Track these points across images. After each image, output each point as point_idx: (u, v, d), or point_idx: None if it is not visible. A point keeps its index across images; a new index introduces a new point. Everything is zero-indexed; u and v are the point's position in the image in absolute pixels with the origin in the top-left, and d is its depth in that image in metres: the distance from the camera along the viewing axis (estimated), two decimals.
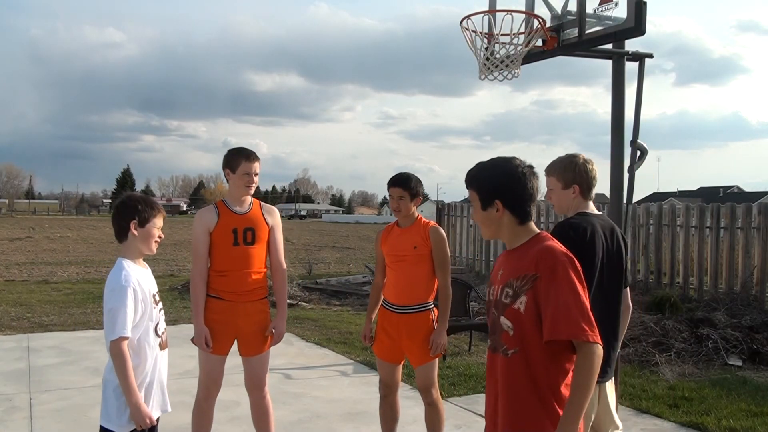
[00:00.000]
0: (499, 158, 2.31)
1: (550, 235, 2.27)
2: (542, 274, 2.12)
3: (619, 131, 4.47)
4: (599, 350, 2.07)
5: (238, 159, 3.82)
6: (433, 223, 4.03)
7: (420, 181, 4.03)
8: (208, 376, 3.89)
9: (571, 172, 3.10)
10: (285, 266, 4.05)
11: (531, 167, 2.28)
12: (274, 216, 4.00)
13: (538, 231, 2.27)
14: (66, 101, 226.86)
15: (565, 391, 2.14)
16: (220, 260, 3.82)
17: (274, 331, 3.92)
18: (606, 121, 4.53)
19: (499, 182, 2.25)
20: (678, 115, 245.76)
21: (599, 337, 2.08)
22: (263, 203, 4.01)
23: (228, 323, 3.81)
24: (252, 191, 3.88)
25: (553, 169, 3.17)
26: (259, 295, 3.92)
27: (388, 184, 4.01)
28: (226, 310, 3.80)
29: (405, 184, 3.95)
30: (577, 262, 2.17)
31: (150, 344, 2.81)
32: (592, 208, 3.12)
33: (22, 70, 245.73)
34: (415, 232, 3.95)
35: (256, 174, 3.85)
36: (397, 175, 4.02)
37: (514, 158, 2.29)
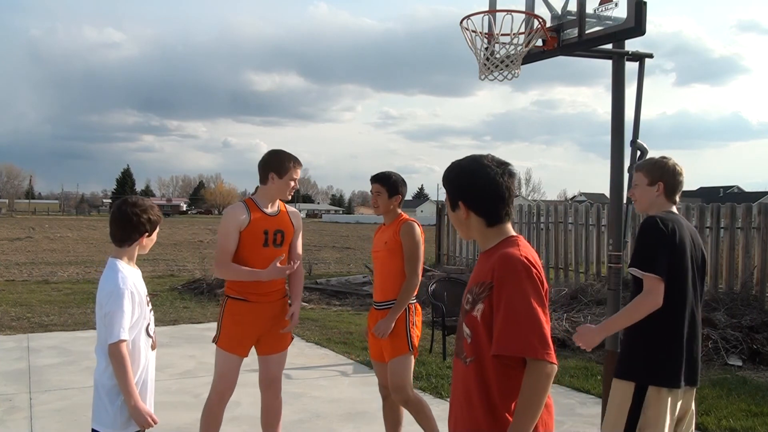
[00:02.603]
0: (468, 157, 2.16)
1: (519, 240, 2.09)
2: (496, 282, 1.98)
3: (619, 131, 4.47)
4: (548, 369, 1.92)
5: (287, 164, 3.81)
6: (409, 219, 4.02)
7: (403, 182, 4.09)
8: (224, 379, 3.83)
9: (660, 169, 3.13)
10: (302, 269, 4.11)
11: (504, 165, 2.11)
12: (298, 219, 4.03)
13: (510, 234, 2.12)
14: (66, 101, 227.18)
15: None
16: (248, 260, 3.77)
17: (292, 316, 3.91)
18: (606, 121, 4.53)
19: (462, 183, 2.12)
20: (678, 115, 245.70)
21: (552, 355, 1.92)
22: (288, 206, 4.02)
23: (253, 324, 3.80)
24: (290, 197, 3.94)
25: (641, 165, 3.24)
26: (281, 294, 3.95)
27: (370, 180, 4.08)
28: (251, 311, 3.80)
29: (383, 181, 4.02)
30: (535, 271, 1.99)
31: (142, 344, 2.82)
32: (675, 211, 3.14)
33: (22, 70, 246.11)
34: (391, 228, 4.00)
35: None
36: (379, 172, 4.09)
37: (484, 157, 2.13)
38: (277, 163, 3.82)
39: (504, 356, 1.96)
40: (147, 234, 2.87)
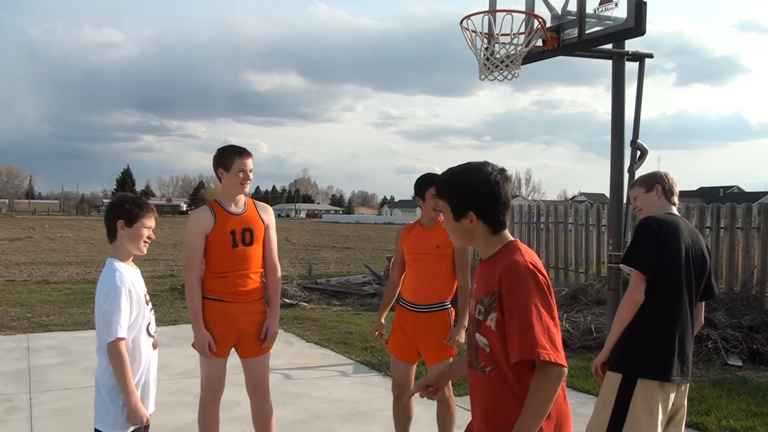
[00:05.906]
0: (470, 165, 2.16)
1: (519, 246, 2.13)
2: (504, 290, 2.03)
3: (619, 131, 4.48)
4: (558, 371, 1.97)
5: (230, 156, 3.72)
6: None
7: None
8: (211, 381, 3.81)
9: (653, 177, 3.34)
10: (278, 265, 3.98)
11: (503, 171, 2.15)
12: (268, 214, 3.93)
13: (510, 239, 2.15)
14: (65, 101, 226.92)
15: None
16: (219, 262, 3.73)
17: (267, 330, 3.82)
18: (606, 121, 4.54)
19: (472, 193, 2.11)
20: (678, 115, 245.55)
21: (562, 358, 1.98)
22: (257, 201, 3.94)
23: (229, 325, 3.73)
24: (247, 189, 3.80)
25: (635, 182, 3.46)
26: (258, 295, 3.85)
27: (430, 185, 3.93)
28: (227, 311, 3.73)
29: None
30: (541, 276, 2.05)
31: (143, 344, 2.82)
32: (676, 212, 3.27)
33: (22, 70, 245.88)
34: (440, 232, 3.94)
35: (250, 171, 3.76)
36: (430, 175, 4.00)
37: (485, 164, 2.14)
38: (221, 158, 3.75)
39: (522, 361, 2.01)
40: (122, 221, 2.80)
